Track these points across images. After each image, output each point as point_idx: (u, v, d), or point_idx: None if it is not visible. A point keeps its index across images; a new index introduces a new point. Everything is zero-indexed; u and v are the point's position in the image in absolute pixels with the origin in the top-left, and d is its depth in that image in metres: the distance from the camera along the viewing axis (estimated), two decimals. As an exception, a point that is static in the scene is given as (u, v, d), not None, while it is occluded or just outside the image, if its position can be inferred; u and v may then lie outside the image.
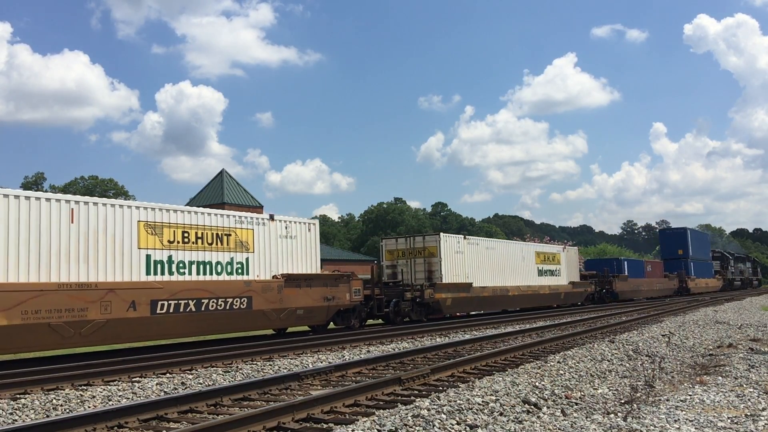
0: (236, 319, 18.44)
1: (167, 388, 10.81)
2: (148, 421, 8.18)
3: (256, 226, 19.56)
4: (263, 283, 19.12)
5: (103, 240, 15.72)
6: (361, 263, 68.76)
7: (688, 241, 58.95)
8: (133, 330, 16.03)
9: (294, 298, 19.96)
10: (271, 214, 20.25)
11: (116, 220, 16.12)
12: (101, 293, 15.21)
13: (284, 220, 20.61)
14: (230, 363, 13.99)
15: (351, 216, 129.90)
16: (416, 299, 25.30)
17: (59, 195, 15.14)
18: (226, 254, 18.54)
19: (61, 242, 14.91)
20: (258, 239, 19.56)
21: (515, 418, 7.79)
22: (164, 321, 16.53)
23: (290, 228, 20.78)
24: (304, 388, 10.36)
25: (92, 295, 15.04)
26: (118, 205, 16.39)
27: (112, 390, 10.68)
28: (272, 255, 19.93)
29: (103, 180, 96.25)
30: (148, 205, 16.95)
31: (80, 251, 15.23)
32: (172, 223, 17.34)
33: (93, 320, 14.96)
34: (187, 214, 17.80)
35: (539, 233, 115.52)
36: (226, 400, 9.30)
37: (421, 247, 27.02)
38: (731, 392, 9.61)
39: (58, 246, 14.82)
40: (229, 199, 48.13)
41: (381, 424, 7.18)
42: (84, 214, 15.46)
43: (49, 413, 8.99)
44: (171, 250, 17.17)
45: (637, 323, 22.75)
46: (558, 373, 11.03)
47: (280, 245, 20.25)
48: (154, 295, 16.29)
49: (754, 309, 32.49)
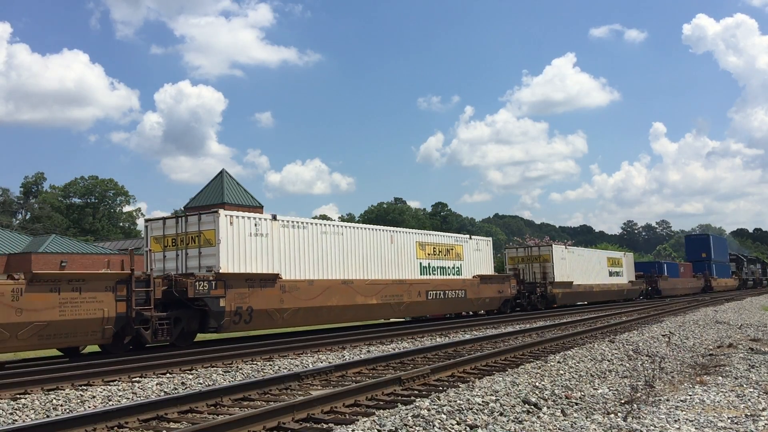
0: (458, 303, 28.57)
1: (167, 388, 10.81)
2: (148, 421, 8.17)
3: (464, 243, 29.57)
4: (470, 281, 29.14)
5: (402, 254, 25.53)
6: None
7: (710, 246, 66.99)
8: (419, 309, 26.56)
9: (484, 291, 29.84)
10: (470, 235, 31.19)
11: (407, 241, 25.93)
12: (407, 285, 25.23)
13: (476, 239, 30.90)
14: (230, 363, 13.99)
15: (351, 216, 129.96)
16: (542, 293, 35.00)
17: (385, 227, 26.23)
18: (451, 262, 28.37)
19: (389, 255, 24.80)
20: (465, 252, 29.40)
21: (515, 418, 7.79)
22: (431, 303, 26.61)
23: (479, 243, 30.87)
24: (304, 388, 10.36)
25: (404, 287, 25.06)
26: (406, 232, 26.97)
27: (112, 390, 10.68)
28: (472, 262, 29.77)
29: (103, 180, 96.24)
30: (418, 231, 27.95)
31: (396, 261, 25.09)
32: (428, 242, 27.33)
33: (405, 302, 25.11)
34: (433, 236, 28.16)
35: (539, 233, 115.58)
36: (226, 400, 9.30)
37: (537, 255, 35.98)
38: (731, 392, 9.61)
39: (387, 257, 24.70)
40: (229, 200, 48.08)
41: (381, 424, 7.18)
42: (396, 238, 25.43)
43: (49, 413, 8.99)
44: (429, 259, 27.06)
45: (637, 323, 22.75)
46: (558, 373, 11.03)
47: (474, 255, 30.05)
48: (426, 287, 26.24)
49: (754, 309, 32.49)
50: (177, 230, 19.62)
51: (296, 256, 20.89)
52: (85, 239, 71.11)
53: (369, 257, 23.89)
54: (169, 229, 19.86)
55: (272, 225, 20.40)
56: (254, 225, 19.80)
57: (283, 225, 20.74)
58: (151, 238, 20.27)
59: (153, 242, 20.10)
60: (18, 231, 63.07)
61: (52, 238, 48.13)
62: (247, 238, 19.45)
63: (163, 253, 19.70)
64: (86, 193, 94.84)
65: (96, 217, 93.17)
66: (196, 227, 19.15)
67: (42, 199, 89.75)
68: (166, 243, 19.82)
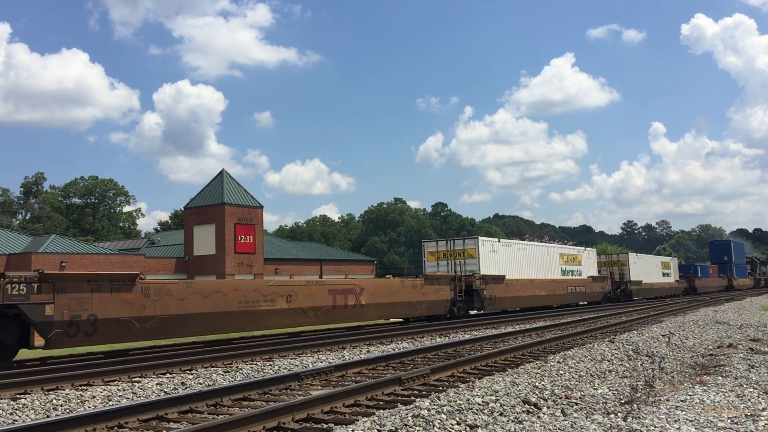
0: (581, 295, 39.59)
1: (167, 388, 10.82)
2: (148, 421, 8.18)
3: (582, 253, 41.43)
4: (586, 280, 40.52)
5: (553, 262, 36.93)
6: (361, 263, 68.80)
7: (731, 250, 77.81)
8: (562, 299, 37.09)
9: (594, 287, 41.28)
10: (585, 247, 45.38)
11: (554, 253, 37.42)
12: (557, 283, 36.47)
13: (588, 250, 43.37)
14: (230, 363, 13.99)
15: (351, 216, 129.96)
16: (623, 289, 46.47)
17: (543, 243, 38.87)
18: (576, 267, 39.77)
19: (547, 263, 36.16)
20: (583, 259, 41.05)
21: (515, 418, 7.79)
22: (568, 296, 37.83)
23: (590, 253, 43.04)
24: (304, 388, 10.36)
25: (556, 284, 36.26)
26: (552, 247, 38.49)
27: (112, 390, 10.68)
28: (588, 267, 41.48)
29: (103, 180, 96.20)
30: (558, 246, 39.99)
31: (550, 266, 36.44)
32: (564, 253, 38.83)
33: (557, 294, 36.35)
34: (566, 249, 40.11)
35: (539, 233, 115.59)
36: (226, 400, 9.30)
37: (616, 260, 48.27)
38: (731, 392, 9.61)
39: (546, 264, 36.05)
40: (229, 200, 48.05)
41: (381, 424, 7.18)
42: (550, 251, 37.26)
43: (49, 413, 9.00)
44: (565, 265, 38.37)
45: (637, 323, 22.76)
46: (558, 373, 11.03)
47: (587, 262, 41.47)
48: (566, 284, 37.64)
49: (754, 309, 32.49)
50: (447, 248, 31.21)
51: (508, 264, 32.24)
52: (85, 239, 71.12)
53: (539, 264, 35.38)
54: (440, 247, 31.62)
55: (499, 245, 32.61)
56: (491, 246, 31.74)
57: (503, 245, 33.11)
58: (427, 252, 31.81)
59: (429, 255, 31.74)
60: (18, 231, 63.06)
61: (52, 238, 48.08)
62: (489, 253, 30.92)
63: (436, 263, 31.10)
64: (86, 193, 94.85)
65: (96, 217, 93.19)
66: (462, 246, 30.78)
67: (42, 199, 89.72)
68: (438, 256, 31.33)
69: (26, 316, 13.98)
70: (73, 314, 14.52)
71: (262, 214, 50.85)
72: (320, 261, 62.80)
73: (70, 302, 14.53)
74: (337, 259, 66.47)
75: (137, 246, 61.80)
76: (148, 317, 16.01)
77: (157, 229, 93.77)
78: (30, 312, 13.91)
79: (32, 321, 14.05)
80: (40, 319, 14.05)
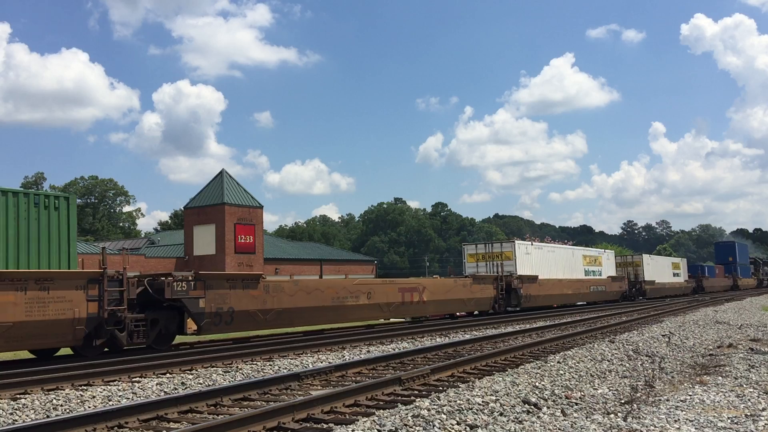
0: (602, 294, 41.98)
1: (167, 388, 10.82)
2: (148, 421, 8.18)
3: (602, 254, 44.14)
4: (606, 279, 43.14)
5: (577, 263, 39.63)
6: (361, 263, 68.80)
7: (735, 251, 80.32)
8: (586, 297, 39.65)
9: (613, 286, 43.95)
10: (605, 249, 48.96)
11: (577, 255, 40.26)
12: (581, 282, 39.00)
13: (607, 252, 46.23)
14: (230, 363, 13.99)
15: (351, 216, 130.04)
16: (637, 288, 49.69)
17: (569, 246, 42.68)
18: (597, 267, 42.42)
19: (572, 263, 38.66)
20: (603, 260, 43.69)
21: (515, 418, 7.79)
22: (591, 294, 40.16)
23: (609, 255, 45.87)
24: (304, 388, 10.36)
25: (580, 283, 38.83)
26: (577, 249, 41.91)
27: (112, 390, 10.68)
28: (607, 267, 44.10)
29: (103, 180, 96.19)
30: (582, 249, 43.81)
31: (575, 267, 39.01)
32: (587, 255, 41.91)
33: (582, 293, 38.99)
34: (589, 251, 43.91)
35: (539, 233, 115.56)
36: (226, 400, 9.30)
37: (631, 261, 51.14)
38: (731, 392, 9.61)
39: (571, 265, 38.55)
40: (229, 200, 48.04)
41: (381, 424, 7.18)
42: (575, 253, 40.07)
43: (49, 413, 8.99)
44: (588, 266, 40.96)
45: (637, 323, 22.76)
46: (558, 373, 11.03)
47: (606, 263, 43.99)
48: (589, 284, 40.08)
49: (754, 309, 32.49)
50: (485, 250, 34.09)
51: (539, 265, 34.41)
52: (85, 239, 71.09)
53: (565, 265, 37.84)
54: (479, 249, 34.57)
55: (532, 248, 34.84)
56: (525, 249, 33.94)
57: (535, 248, 35.40)
58: (467, 254, 34.74)
59: (469, 257, 34.54)
60: (18, 231, 63.00)
61: (52, 238, 48.12)
62: (524, 255, 33.36)
63: (476, 264, 33.88)
64: (86, 193, 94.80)
65: (96, 217, 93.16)
66: (500, 249, 33.37)
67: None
68: (478, 258, 34.12)
69: (186, 308, 16.72)
70: (218, 307, 17.40)
71: (262, 214, 50.86)
72: (320, 261, 62.85)
73: (216, 297, 17.39)
74: (337, 259, 66.49)
75: (137, 246, 61.77)
76: (268, 310, 18.82)
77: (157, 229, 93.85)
78: (189, 305, 16.71)
79: (191, 312, 16.82)
80: (196, 310, 16.89)
